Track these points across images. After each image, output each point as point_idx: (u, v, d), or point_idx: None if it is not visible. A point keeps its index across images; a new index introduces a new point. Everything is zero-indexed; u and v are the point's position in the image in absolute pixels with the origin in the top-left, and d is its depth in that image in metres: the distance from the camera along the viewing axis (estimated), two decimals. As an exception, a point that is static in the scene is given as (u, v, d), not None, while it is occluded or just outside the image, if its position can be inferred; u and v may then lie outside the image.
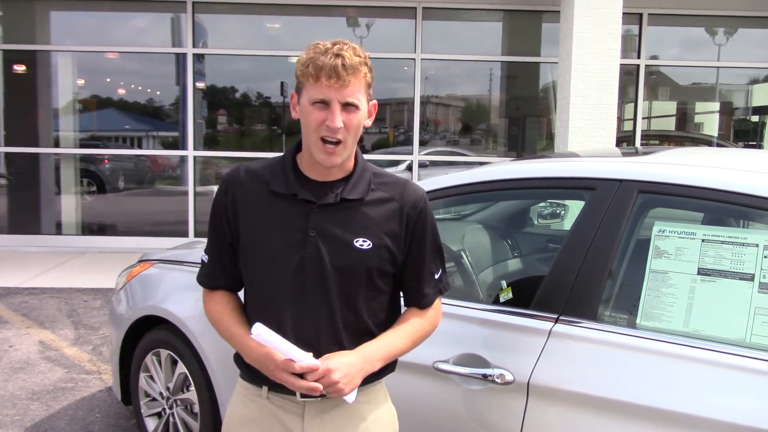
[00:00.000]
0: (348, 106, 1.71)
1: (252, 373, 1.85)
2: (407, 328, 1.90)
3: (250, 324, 1.82)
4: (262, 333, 1.69)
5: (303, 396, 1.80)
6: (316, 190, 1.80)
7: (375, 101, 1.83)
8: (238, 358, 1.91)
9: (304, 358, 1.69)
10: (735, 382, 1.92)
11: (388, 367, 1.92)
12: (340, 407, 1.84)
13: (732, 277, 2.05)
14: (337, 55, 1.67)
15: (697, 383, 1.96)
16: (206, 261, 1.96)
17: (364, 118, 1.77)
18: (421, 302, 1.94)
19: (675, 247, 2.16)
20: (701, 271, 2.10)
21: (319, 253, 1.77)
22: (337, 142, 1.72)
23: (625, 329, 2.16)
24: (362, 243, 1.79)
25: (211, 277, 1.95)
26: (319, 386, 1.68)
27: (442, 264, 1.97)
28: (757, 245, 2.03)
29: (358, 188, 1.82)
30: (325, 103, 1.70)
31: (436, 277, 1.94)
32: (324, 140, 1.71)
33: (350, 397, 1.75)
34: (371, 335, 1.84)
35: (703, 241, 2.12)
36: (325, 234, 1.78)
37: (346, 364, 1.72)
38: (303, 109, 1.75)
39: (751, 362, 1.92)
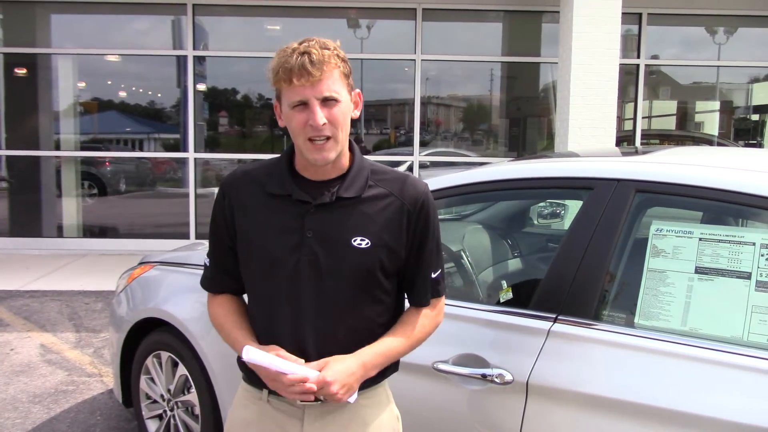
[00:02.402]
0: (327, 101, 1.67)
1: (253, 376, 1.81)
2: (407, 329, 1.85)
3: (253, 327, 1.84)
4: (252, 356, 1.67)
5: (302, 400, 1.77)
6: (312, 189, 1.77)
7: (359, 90, 1.80)
8: (241, 361, 1.88)
9: (297, 371, 1.66)
10: (732, 381, 1.92)
11: (391, 368, 1.89)
12: (339, 411, 1.82)
13: (729, 275, 2.05)
14: (304, 53, 1.64)
15: (695, 382, 1.96)
16: (208, 264, 1.95)
17: (348, 110, 1.74)
18: (421, 302, 1.89)
19: (672, 246, 2.16)
20: (699, 270, 2.10)
21: (317, 254, 1.74)
22: (327, 138, 1.69)
23: (624, 328, 2.17)
24: (360, 242, 1.74)
25: (213, 281, 1.95)
26: (312, 387, 1.65)
27: (441, 263, 1.92)
28: (753, 243, 2.04)
29: (354, 186, 1.78)
30: (304, 104, 1.67)
31: (433, 276, 1.89)
32: (311, 140, 1.69)
33: (351, 398, 1.73)
34: (374, 337, 1.80)
35: (700, 239, 2.13)
36: (322, 235, 1.74)
37: (344, 373, 1.69)
38: (286, 116, 1.73)
39: (748, 360, 1.93)
